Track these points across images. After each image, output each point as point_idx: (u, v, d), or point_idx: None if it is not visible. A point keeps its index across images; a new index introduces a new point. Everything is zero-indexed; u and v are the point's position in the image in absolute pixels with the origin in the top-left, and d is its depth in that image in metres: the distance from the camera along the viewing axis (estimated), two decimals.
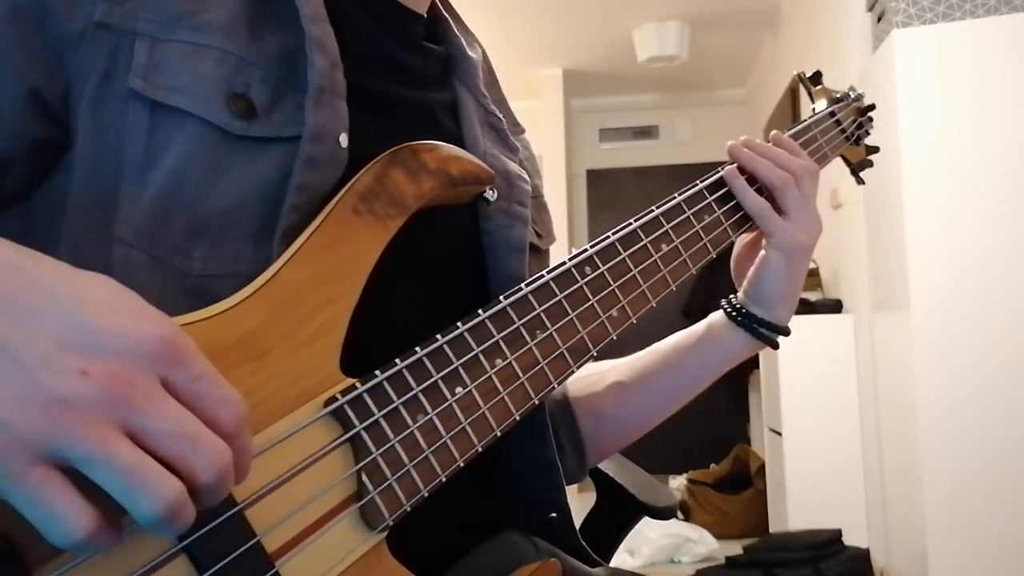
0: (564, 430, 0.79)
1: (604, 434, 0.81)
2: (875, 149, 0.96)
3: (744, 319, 0.77)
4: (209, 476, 0.36)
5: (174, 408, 0.36)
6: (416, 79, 0.70)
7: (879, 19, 2.60)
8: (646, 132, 5.78)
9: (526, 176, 0.74)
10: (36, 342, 0.35)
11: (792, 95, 3.97)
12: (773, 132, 0.81)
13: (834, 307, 3.06)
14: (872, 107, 0.95)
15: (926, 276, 2.32)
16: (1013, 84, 2.31)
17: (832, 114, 0.90)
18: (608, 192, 5.73)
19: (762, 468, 3.72)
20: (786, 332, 0.78)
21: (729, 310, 0.79)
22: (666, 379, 0.80)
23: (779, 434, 3.11)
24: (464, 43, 0.76)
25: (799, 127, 0.85)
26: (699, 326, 0.80)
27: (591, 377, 0.82)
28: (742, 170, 0.76)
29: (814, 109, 0.91)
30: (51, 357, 0.34)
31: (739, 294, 0.80)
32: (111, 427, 0.34)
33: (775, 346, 0.79)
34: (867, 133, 0.96)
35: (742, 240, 0.82)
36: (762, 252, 0.77)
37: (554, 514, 0.73)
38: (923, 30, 2.42)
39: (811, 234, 0.76)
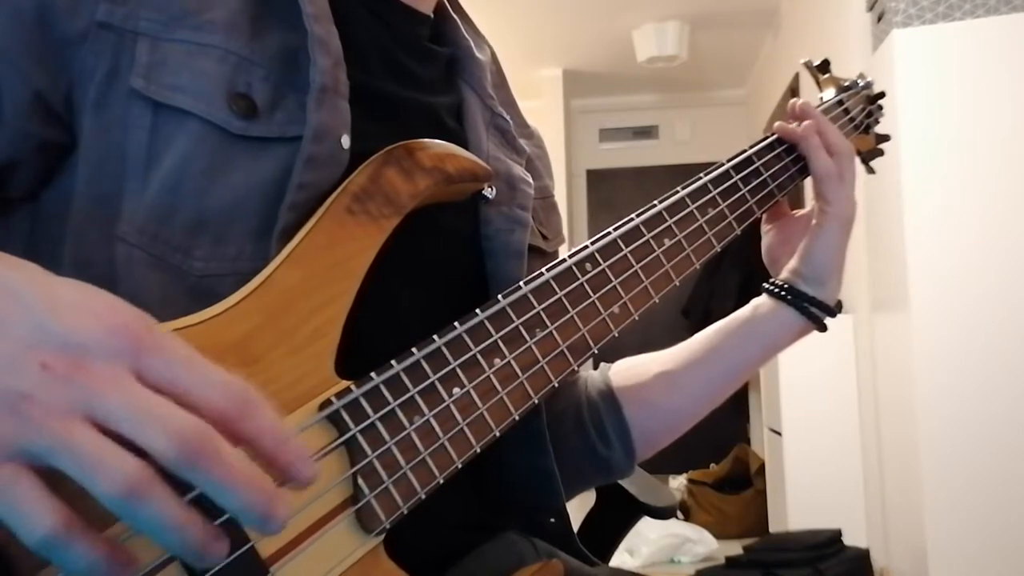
0: (611, 423, 0.77)
1: (654, 424, 0.79)
2: (886, 137, 0.94)
3: (795, 298, 0.76)
4: (169, 448, 0.34)
5: (138, 391, 0.35)
6: (420, 81, 0.70)
7: (879, 19, 2.59)
8: (646, 132, 5.78)
9: (530, 180, 0.74)
10: (1, 346, 0.34)
11: (792, 95, 3.96)
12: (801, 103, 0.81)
13: None
14: (882, 94, 0.93)
15: (925, 276, 2.32)
16: (1013, 84, 2.31)
17: (840, 102, 0.89)
18: (608, 192, 5.72)
19: (762, 468, 3.72)
20: (835, 311, 0.77)
21: (775, 290, 0.77)
22: (713, 365, 0.78)
23: (779, 434, 3.11)
24: (472, 44, 0.76)
25: None
26: (744, 310, 0.79)
27: (636, 369, 0.80)
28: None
29: (822, 98, 0.90)
30: (14, 358, 0.34)
31: (784, 274, 0.78)
32: (72, 416, 0.34)
33: (823, 328, 0.77)
34: (877, 121, 0.94)
35: (768, 228, 0.82)
36: (815, 223, 0.77)
37: (553, 519, 0.72)
38: (923, 30, 2.41)
39: (855, 205, 0.78)
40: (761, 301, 0.79)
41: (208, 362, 0.37)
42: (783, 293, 0.77)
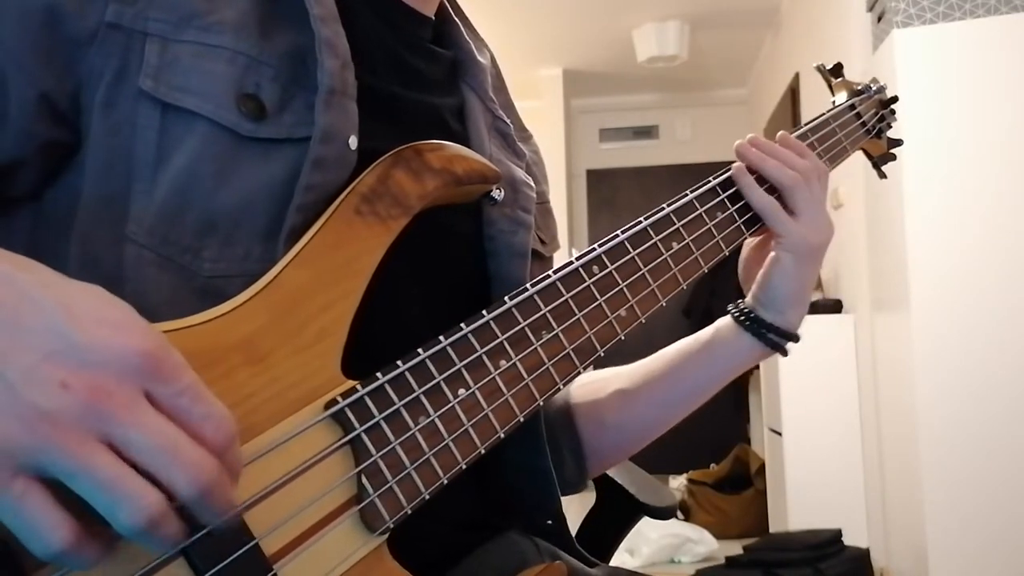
0: (564, 438, 0.78)
1: (605, 443, 0.79)
2: (898, 142, 0.94)
3: (753, 324, 0.75)
4: (189, 491, 0.37)
5: (155, 420, 0.36)
6: (425, 82, 0.70)
7: (879, 19, 2.60)
8: (646, 132, 5.78)
9: (531, 183, 0.74)
10: (19, 355, 0.35)
11: (792, 95, 3.96)
12: (780, 133, 0.78)
13: (834, 307, 3.06)
14: (895, 99, 0.93)
15: (926, 276, 2.32)
16: (1013, 84, 2.31)
17: (852, 107, 0.88)
18: (608, 192, 5.72)
19: (762, 468, 3.72)
20: (796, 338, 0.75)
21: (737, 315, 0.76)
22: (670, 386, 0.77)
23: (779, 434, 3.11)
24: (473, 47, 0.76)
25: (818, 120, 0.83)
26: (705, 332, 0.78)
27: (594, 384, 0.80)
28: (751, 169, 0.74)
29: (834, 102, 0.89)
30: (33, 370, 0.34)
31: (747, 298, 0.77)
32: (92, 440, 0.35)
33: (784, 353, 0.76)
34: (889, 126, 0.93)
35: (749, 243, 0.79)
36: (772, 254, 0.75)
37: (550, 521, 0.72)
38: (923, 30, 2.41)
39: (822, 235, 0.74)
40: (724, 324, 0.77)
41: (209, 395, 0.39)
42: (743, 319, 0.75)
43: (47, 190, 0.57)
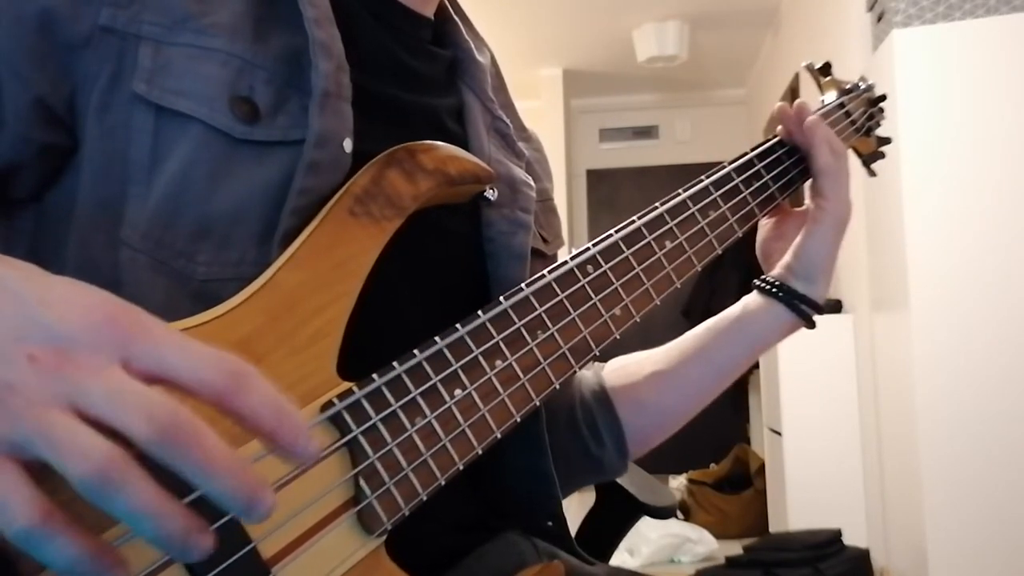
0: (603, 423, 0.78)
1: (646, 424, 0.80)
2: (887, 140, 0.94)
3: (785, 294, 0.77)
4: (144, 430, 0.33)
5: (116, 376, 0.34)
6: (422, 84, 0.70)
7: (879, 19, 2.60)
8: (646, 132, 5.78)
9: (531, 182, 0.74)
10: None
11: (792, 95, 3.96)
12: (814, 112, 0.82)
13: (834, 307, 3.06)
14: (883, 97, 0.94)
15: (925, 275, 2.32)
16: (1013, 84, 2.31)
17: (841, 105, 0.89)
18: (608, 192, 5.73)
19: (762, 468, 3.72)
20: (823, 309, 0.78)
21: (767, 287, 0.78)
22: (704, 363, 0.79)
23: (779, 434, 3.11)
24: (473, 47, 0.76)
25: None
26: (734, 308, 0.80)
27: (628, 368, 0.81)
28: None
29: (823, 101, 0.90)
30: (2, 349, 0.34)
31: (776, 270, 0.79)
32: (54, 406, 0.33)
33: (812, 325, 0.78)
34: (878, 124, 0.94)
35: (766, 223, 0.83)
36: (806, 226, 0.78)
37: (550, 523, 0.72)
38: (923, 30, 2.41)
39: (851, 205, 0.80)
40: (751, 299, 0.79)
41: (197, 343, 0.36)
42: (774, 289, 0.78)
43: (48, 192, 0.57)
